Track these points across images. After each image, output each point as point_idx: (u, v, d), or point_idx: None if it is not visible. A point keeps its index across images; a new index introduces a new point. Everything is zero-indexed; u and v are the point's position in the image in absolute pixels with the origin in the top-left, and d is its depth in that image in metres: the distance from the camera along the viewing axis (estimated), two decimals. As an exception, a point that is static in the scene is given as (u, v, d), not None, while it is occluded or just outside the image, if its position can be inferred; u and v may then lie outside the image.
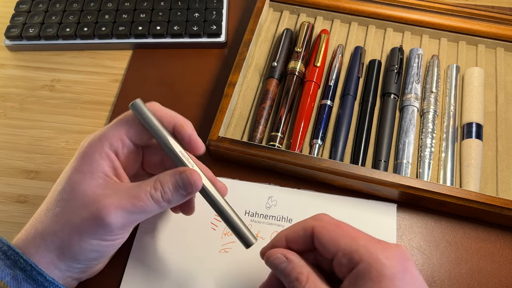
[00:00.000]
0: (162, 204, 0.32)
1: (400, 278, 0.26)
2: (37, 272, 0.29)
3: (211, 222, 0.40)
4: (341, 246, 0.28)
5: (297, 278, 0.28)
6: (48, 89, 0.51)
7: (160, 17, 0.54)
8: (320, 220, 0.30)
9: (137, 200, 0.30)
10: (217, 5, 0.55)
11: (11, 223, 0.42)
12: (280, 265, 0.30)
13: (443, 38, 0.51)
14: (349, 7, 0.52)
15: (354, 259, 0.27)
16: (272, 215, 0.41)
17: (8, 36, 0.53)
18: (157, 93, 0.50)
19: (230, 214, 0.32)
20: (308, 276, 0.28)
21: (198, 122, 0.47)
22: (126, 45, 0.54)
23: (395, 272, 0.26)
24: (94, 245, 0.31)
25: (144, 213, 0.31)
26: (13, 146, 0.47)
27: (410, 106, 0.46)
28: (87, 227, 0.30)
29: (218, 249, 0.39)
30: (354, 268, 0.27)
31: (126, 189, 0.31)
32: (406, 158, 0.43)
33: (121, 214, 0.30)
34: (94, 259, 0.33)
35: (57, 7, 0.55)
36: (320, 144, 0.44)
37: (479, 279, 0.38)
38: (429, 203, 0.40)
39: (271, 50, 0.52)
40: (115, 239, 0.32)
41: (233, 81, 0.45)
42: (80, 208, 0.30)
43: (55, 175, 0.44)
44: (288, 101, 0.46)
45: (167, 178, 0.32)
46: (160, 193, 0.31)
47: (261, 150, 0.41)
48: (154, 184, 0.31)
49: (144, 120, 0.31)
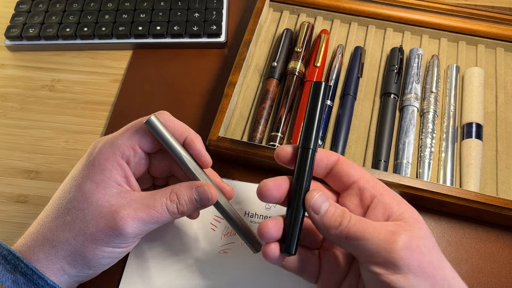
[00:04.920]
0: (176, 215, 0.33)
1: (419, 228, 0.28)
2: (38, 276, 0.30)
3: (211, 222, 0.40)
4: (365, 176, 0.31)
5: (343, 215, 0.29)
6: (48, 89, 0.51)
7: (160, 17, 0.54)
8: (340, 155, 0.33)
9: (152, 211, 0.31)
10: (217, 5, 0.55)
11: (11, 223, 0.42)
12: (321, 207, 0.29)
13: (443, 38, 0.51)
14: (349, 7, 0.52)
15: (372, 192, 0.30)
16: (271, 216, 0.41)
17: (8, 36, 0.53)
18: (157, 93, 0.50)
19: (240, 223, 0.34)
20: (350, 213, 0.29)
21: (198, 122, 0.47)
22: (126, 45, 0.54)
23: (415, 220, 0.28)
24: (108, 253, 0.31)
25: (157, 223, 0.32)
26: (13, 146, 0.47)
27: (410, 106, 0.46)
28: (103, 236, 0.30)
29: (218, 250, 0.39)
30: (368, 199, 0.30)
31: (140, 199, 0.32)
32: (406, 158, 0.43)
33: (137, 225, 0.31)
34: (106, 265, 0.33)
35: (57, 7, 0.55)
36: (320, 144, 0.44)
37: (479, 279, 0.38)
38: (429, 203, 0.40)
39: (271, 50, 0.52)
40: (128, 246, 0.33)
41: (233, 81, 0.45)
42: (95, 218, 0.30)
43: (55, 175, 0.45)
44: (288, 101, 0.46)
45: (184, 190, 0.32)
46: (176, 205, 0.32)
47: (261, 150, 0.41)
48: (170, 196, 0.32)
49: (159, 136, 0.32)
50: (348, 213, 0.29)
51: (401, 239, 0.26)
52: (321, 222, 0.29)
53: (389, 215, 0.29)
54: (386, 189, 0.31)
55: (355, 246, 0.28)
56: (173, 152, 0.33)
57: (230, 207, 0.34)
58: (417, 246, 0.26)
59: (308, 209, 0.30)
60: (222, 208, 0.34)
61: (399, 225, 0.28)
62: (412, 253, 0.26)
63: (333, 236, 0.29)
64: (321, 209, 0.29)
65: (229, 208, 0.34)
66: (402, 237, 0.26)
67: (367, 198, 0.30)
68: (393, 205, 0.29)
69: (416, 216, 0.29)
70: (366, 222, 0.28)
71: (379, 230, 0.27)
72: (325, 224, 0.29)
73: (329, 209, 0.29)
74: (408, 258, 0.26)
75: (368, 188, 0.30)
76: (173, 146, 0.33)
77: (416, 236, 0.27)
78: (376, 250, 0.26)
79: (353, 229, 0.28)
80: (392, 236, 0.26)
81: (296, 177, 0.31)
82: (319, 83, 0.32)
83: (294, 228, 0.30)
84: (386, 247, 0.26)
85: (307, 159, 0.30)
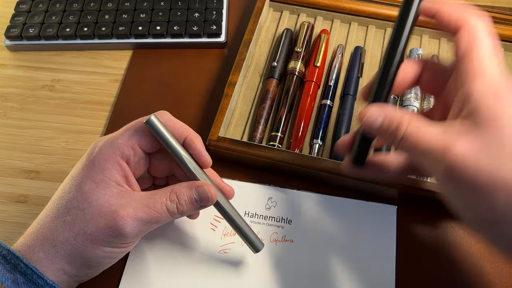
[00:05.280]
0: (176, 215, 0.33)
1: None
2: (38, 275, 0.30)
3: (211, 222, 0.40)
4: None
5: (397, 128, 0.27)
6: (48, 89, 0.51)
7: (160, 17, 0.54)
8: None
9: (152, 211, 0.31)
10: (217, 5, 0.55)
11: (11, 223, 0.42)
12: (375, 123, 0.28)
13: (443, 38, 0.51)
14: (349, 7, 0.52)
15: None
16: (271, 216, 0.41)
17: (8, 36, 0.53)
18: (157, 93, 0.50)
19: (240, 223, 0.34)
20: (410, 119, 0.27)
21: (198, 122, 0.47)
22: (126, 45, 0.54)
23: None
24: (107, 252, 0.32)
25: (157, 223, 0.32)
26: (13, 146, 0.47)
27: (410, 106, 0.46)
28: (103, 236, 0.30)
29: (218, 250, 0.39)
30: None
31: (140, 199, 0.32)
32: (406, 158, 0.43)
33: (137, 225, 0.31)
34: (106, 264, 0.34)
35: (57, 7, 0.55)
36: (320, 144, 0.44)
37: (479, 279, 0.38)
38: (429, 202, 0.40)
39: (271, 50, 0.52)
40: (128, 246, 0.33)
41: (233, 81, 0.45)
42: (94, 218, 0.30)
43: (55, 175, 0.45)
44: (288, 101, 0.46)
45: (183, 190, 0.32)
46: (175, 205, 0.32)
47: (261, 150, 0.41)
48: (169, 196, 0.32)
49: (159, 136, 0.32)
50: (403, 125, 0.27)
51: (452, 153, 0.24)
52: (379, 135, 0.30)
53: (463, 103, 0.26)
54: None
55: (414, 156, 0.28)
56: (173, 152, 0.33)
57: (230, 207, 0.34)
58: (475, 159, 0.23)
59: (363, 125, 0.30)
60: (222, 208, 0.34)
61: (458, 130, 0.25)
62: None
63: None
64: (375, 124, 0.29)
65: (229, 208, 0.34)
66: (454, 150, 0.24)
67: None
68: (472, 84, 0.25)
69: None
70: (420, 132, 0.26)
71: (431, 140, 0.25)
72: (383, 138, 0.30)
73: (384, 122, 0.28)
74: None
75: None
76: (173, 146, 0.33)
77: (476, 148, 0.24)
78: (430, 164, 0.26)
79: (407, 142, 0.26)
80: (444, 148, 0.24)
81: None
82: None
83: (359, 142, 0.32)
84: (438, 159, 0.25)
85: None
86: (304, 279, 0.37)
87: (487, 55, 0.26)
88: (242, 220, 0.35)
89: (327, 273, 0.38)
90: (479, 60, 0.26)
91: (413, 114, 0.28)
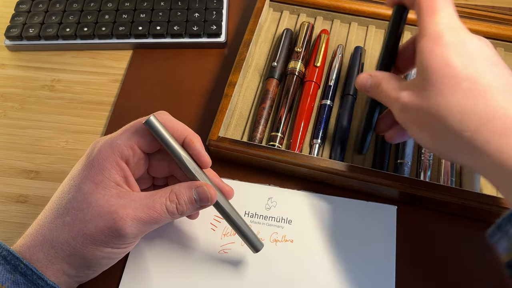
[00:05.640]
0: (176, 216, 0.33)
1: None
2: (38, 276, 0.30)
3: (211, 222, 0.40)
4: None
5: (378, 85, 0.35)
6: (48, 89, 0.51)
7: (160, 17, 0.54)
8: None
9: (152, 211, 0.31)
10: (217, 5, 0.55)
11: (11, 223, 0.42)
12: (366, 84, 0.37)
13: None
14: (349, 7, 0.52)
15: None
16: (271, 216, 0.41)
17: (8, 36, 0.53)
18: (157, 93, 0.50)
19: (240, 223, 0.34)
20: (384, 78, 0.35)
21: (198, 122, 0.47)
22: (126, 45, 0.54)
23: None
24: (107, 253, 0.32)
25: (157, 223, 0.32)
26: (13, 146, 0.47)
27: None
28: (102, 237, 0.30)
29: (218, 250, 0.39)
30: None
31: (139, 199, 0.31)
32: (406, 158, 0.43)
33: (136, 225, 0.31)
34: (106, 265, 0.34)
35: (57, 7, 0.55)
36: (320, 144, 0.44)
37: (479, 279, 0.38)
38: (429, 203, 0.40)
39: (271, 50, 0.51)
40: (127, 246, 0.33)
41: (233, 81, 0.45)
42: (94, 218, 0.30)
43: (55, 175, 0.45)
44: (288, 101, 0.46)
45: (183, 191, 0.32)
46: (175, 205, 0.32)
47: (261, 150, 0.41)
48: (169, 196, 0.32)
49: (158, 137, 0.32)
50: (381, 83, 0.35)
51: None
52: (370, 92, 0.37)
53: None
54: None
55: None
56: (173, 152, 0.33)
57: (230, 207, 0.34)
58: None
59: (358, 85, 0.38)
60: (222, 208, 0.34)
61: (407, 84, 0.33)
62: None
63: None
64: (367, 83, 0.37)
65: (229, 208, 0.34)
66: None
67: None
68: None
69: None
70: (388, 88, 0.34)
71: (392, 92, 0.34)
72: (372, 93, 0.37)
73: (372, 82, 0.36)
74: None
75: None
76: (172, 146, 0.33)
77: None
78: (394, 108, 0.34)
79: (381, 94, 0.35)
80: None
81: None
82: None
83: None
84: (395, 104, 0.34)
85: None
86: (304, 279, 0.37)
87: (429, 16, 0.32)
88: (242, 220, 0.35)
89: (327, 273, 0.38)
90: (422, 21, 0.32)
91: (389, 75, 0.35)
